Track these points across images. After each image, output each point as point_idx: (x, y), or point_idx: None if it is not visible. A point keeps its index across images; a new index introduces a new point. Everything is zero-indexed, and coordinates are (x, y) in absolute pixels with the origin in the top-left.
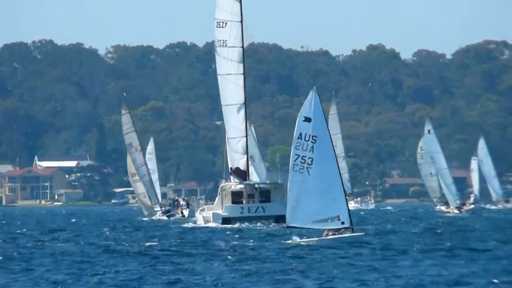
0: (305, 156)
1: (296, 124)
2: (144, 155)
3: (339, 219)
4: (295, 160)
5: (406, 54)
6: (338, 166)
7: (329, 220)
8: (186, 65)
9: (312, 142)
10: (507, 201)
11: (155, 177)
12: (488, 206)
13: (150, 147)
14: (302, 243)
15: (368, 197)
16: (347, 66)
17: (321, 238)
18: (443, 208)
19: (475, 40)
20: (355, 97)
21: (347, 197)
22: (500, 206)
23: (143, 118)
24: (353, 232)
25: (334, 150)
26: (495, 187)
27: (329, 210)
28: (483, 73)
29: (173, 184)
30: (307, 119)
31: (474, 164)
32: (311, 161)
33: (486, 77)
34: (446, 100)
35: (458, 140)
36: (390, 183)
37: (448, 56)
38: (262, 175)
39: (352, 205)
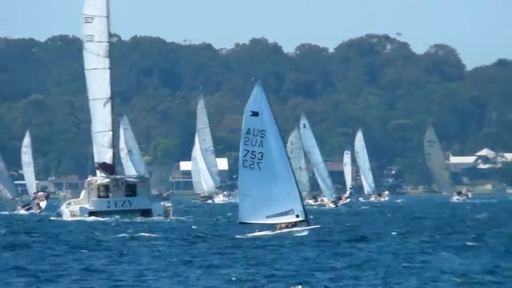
0: (254, 151)
1: (243, 119)
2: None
3: (293, 212)
4: (244, 156)
5: (289, 48)
6: (289, 159)
7: (283, 214)
8: (68, 58)
9: (260, 136)
10: (379, 195)
11: (30, 170)
12: (360, 199)
13: (27, 140)
14: (255, 236)
15: (236, 190)
16: (230, 60)
17: (275, 232)
18: (310, 201)
19: (357, 34)
20: (238, 90)
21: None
22: (373, 199)
23: (24, 111)
24: (308, 224)
25: (284, 144)
26: (368, 180)
27: (283, 204)
28: (365, 67)
29: (54, 178)
30: (254, 114)
31: (346, 158)
32: (261, 156)
33: (368, 71)
34: (328, 94)
35: (340, 133)
36: None
37: (331, 50)
38: (141, 169)
39: (220, 198)
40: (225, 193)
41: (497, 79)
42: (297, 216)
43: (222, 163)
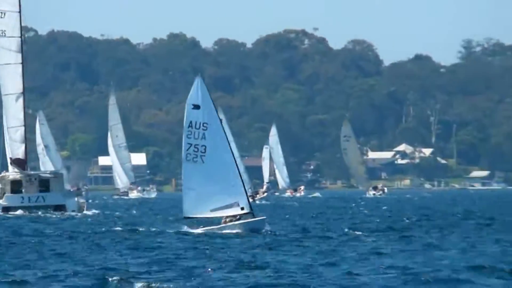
0: (197, 144)
1: (185, 113)
2: None
3: (238, 205)
4: (187, 149)
5: (207, 43)
6: (232, 151)
7: (228, 207)
8: None
9: (203, 129)
10: (295, 190)
11: None
12: (277, 194)
13: None
14: (200, 231)
15: (151, 185)
16: (148, 55)
17: (221, 225)
18: None
19: (275, 30)
20: (156, 85)
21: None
22: (288, 194)
23: None
24: (253, 217)
25: (226, 136)
26: (283, 175)
27: (227, 197)
28: (283, 62)
29: None
30: (196, 107)
31: (265, 152)
32: (204, 149)
33: (286, 66)
34: (246, 89)
35: (258, 128)
36: None
37: (249, 45)
38: (58, 164)
39: (134, 194)
40: (139, 188)
41: (414, 74)
42: (242, 208)
43: (140, 158)
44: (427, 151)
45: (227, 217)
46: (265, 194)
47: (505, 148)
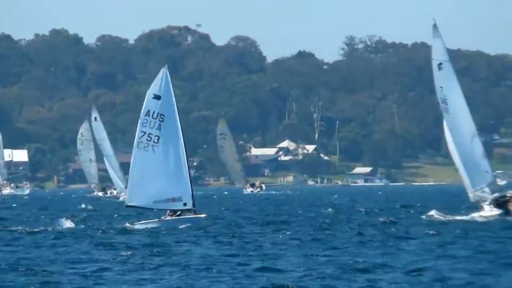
0: (151, 134)
1: (145, 101)
2: None
3: (181, 200)
4: (140, 137)
5: (90, 39)
6: (184, 146)
7: (171, 201)
8: None
9: (159, 120)
10: None
11: None
12: None
13: None
14: (139, 226)
15: (24, 182)
16: (30, 51)
17: (161, 219)
18: (100, 193)
19: (158, 26)
20: (38, 82)
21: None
22: None
23: None
24: (195, 213)
25: (181, 130)
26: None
27: (172, 191)
28: (167, 59)
29: None
30: (157, 97)
31: None
32: (157, 139)
33: (169, 63)
34: (129, 86)
35: None
36: (74, 168)
37: (131, 42)
38: None
39: (8, 191)
40: (12, 185)
41: (297, 71)
42: (185, 204)
43: (22, 155)
44: (310, 148)
45: (170, 211)
46: None
47: (387, 145)
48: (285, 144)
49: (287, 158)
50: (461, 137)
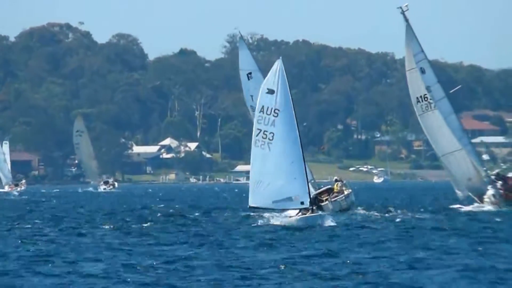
0: (266, 131)
1: (259, 96)
2: None
3: (297, 199)
4: (257, 135)
5: None
6: (301, 142)
7: (288, 200)
8: None
9: (274, 116)
10: (16, 185)
11: None
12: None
13: None
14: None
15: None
16: None
17: (292, 218)
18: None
19: (39, 23)
20: None
21: None
22: (7, 190)
23: None
24: (312, 212)
25: (297, 125)
26: (4, 172)
27: (288, 190)
28: (48, 56)
29: None
30: (270, 91)
31: (5, 148)
32: (272, 136)
33: (50, 60)
34: (10, 83)
35: (23, 123)
36: None
37: (12, 39)
38: None
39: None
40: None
41: (179, 68)
42: (302, 203)
43: None
44: (193, 145)
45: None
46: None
47: None
48: (167, 141)
49: (169, 155)
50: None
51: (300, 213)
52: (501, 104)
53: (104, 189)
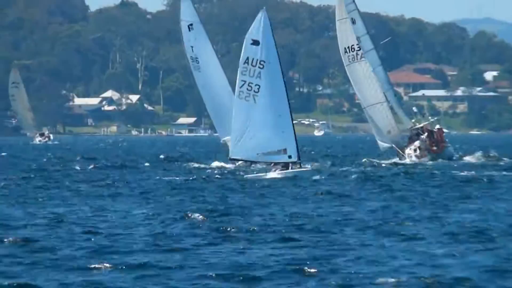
0: (251, 83)
1: (243, 47)
2: None
3: (285, 153)
4: (241, 87)
5: None
6: (287, 95)
7: (275, 153)
8: None
9: (259, 67)
10: None
11: None
12: None
13: None
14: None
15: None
16: None
17: (268, 173)
18: None
19: None
20: None
21: None
22: None
23: None
24: (300, 167)
25: (283, 78)
26: None
27: (276, 143)
28: None
29: None
30: (255, 42)
31: None
32: (258, 88)
33: None
34: None
35: None
36: None
37: None
38: None
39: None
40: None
41: (121, 20)
42: (290, 157)
43: None
44: (134, 98)
45: (276, 164)
46: None
47: None
48: (108, 94)
49: (110, 108)
50: (214, 93)
51: (280, 169)
52: (442, 58)
53: (40, 141)
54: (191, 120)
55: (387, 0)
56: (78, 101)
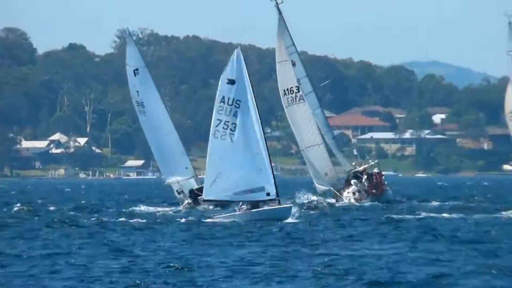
0: (228, 121)
1: (219, 86)
2: None
3: (263, 190)
4: (216, 126)
5: None
6: (263, 132)
7: (253, 191)
8: None
9: (235, 106)
10: None
11: None
12: None
13: None
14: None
15: None
16: None
17: (236, 213)
18: None
19: None
20: None
21: None
22: None
23: None
24: (279, 204)
25: (258, 115)
26: None
27: (253, 180)
28: None
29: None
30: (231, 81)
31: None
32: (234, 127)
33: None
34: None
35: None
36: None
37: None
38: None
39: None
40: None
41: (69, 63)
42: (268, 194)
43: None
44: (82, 140)
45: (245, 203)
46: None
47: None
48: (56, 136)
49: (58, 150)
50: (160, 137)
51: (245, 207)
52: (390, 100)
53: None
54: (139, 162)
55: (335, 43)
56: (25, 144)
